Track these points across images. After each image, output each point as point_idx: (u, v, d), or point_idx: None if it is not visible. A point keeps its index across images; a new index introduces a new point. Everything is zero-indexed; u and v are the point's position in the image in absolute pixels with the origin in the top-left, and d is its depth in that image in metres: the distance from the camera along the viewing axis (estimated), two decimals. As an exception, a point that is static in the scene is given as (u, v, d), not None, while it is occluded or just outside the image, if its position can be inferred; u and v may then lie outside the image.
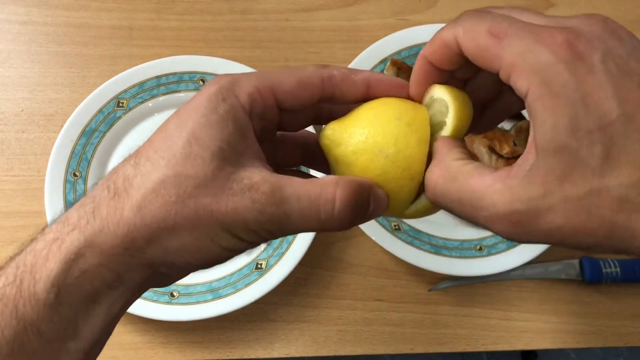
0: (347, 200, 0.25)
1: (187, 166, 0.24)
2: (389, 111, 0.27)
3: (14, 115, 0.63)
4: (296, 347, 0.56)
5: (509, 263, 0.56)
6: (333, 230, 0.26)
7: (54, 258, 0.24)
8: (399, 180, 0.26)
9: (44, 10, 0.68)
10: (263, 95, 0.26)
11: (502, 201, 0.23)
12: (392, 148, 0.26)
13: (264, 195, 0.24)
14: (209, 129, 0.24)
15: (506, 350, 0.57)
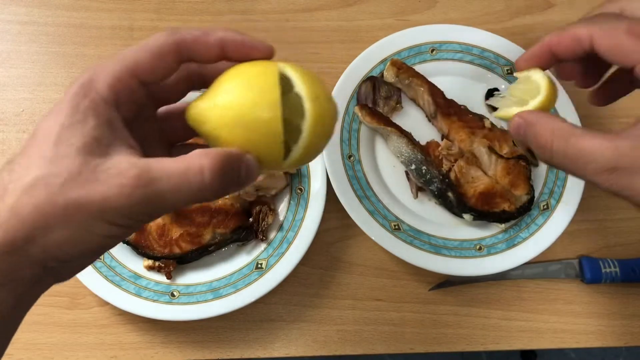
0: (215, 168, 0.26)
1: (55, 166, 0.25)
2: (242, 82, 0.29)
3: (14, 116, 0.63)
4: (296, 346, 0.56)
5: (508, 263, 0.56)
6: (210, 198, 0.27)
7: None
8: (264, 143, 0.28)
9: (44, 11, 0.68)
10: (123, 81, 0.28)
11: (609, 156, 0.30)
12: (247, 116, 0.28)
13: (131, 179, 0.25)
14: (72, 128, 0.26)
15: (506, 350, 0.57)
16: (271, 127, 0.28)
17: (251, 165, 0.28)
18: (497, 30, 0.65)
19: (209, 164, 0.26)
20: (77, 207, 0.25)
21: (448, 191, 0.57)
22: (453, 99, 0.62)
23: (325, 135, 0.30)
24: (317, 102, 0.29)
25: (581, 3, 0.72)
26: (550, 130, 0.33)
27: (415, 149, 0.58)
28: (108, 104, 0.27)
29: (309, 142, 0.29)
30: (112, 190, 0.25)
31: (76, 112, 0.26)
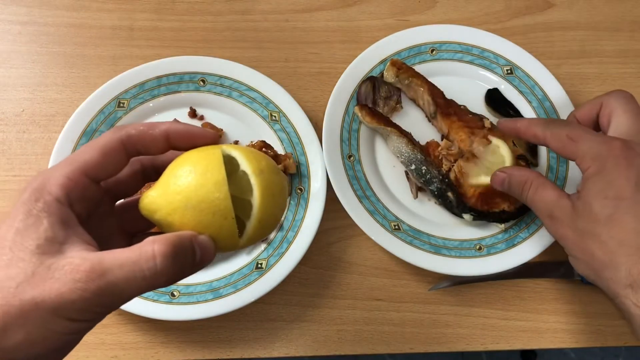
0: (167, 253, 0.27)
1: (10, 270, 0.26)
2: (185, 167, 0.30)
3: (15, 116, 0.63)
4: (296, 346, 0.56)
5: (508, 263, 0.56)
6: (164, 285, 0.28)
7: None
8: (216, 223, 0.29)
9: (44, 11, 0.68)
10: (75, 181, 0.29)
11: (550, 206, 0.47)
12: (196, 198, 0.29)
13: (84, 273, 0.25)
14: (25, 232, 0.27)
15: (506, 350, 0.57)
16: (220, 205, 0.29)
17: (205, 244, 0.28)
18: (497, 30, 0.66)
19: (159, 249, 0.27)
20: (33, 305, 0.25)
21: (448, 191, 0.57)
22: (453, 99, 0.62)
23: (276, 206, 0.31)
24: (262, 176, 0.30)
25: (581, 3, 0.72)
26: (524, 180, 0.49)
27: (415, 149, 0.59)
28: (61, 204, 0.28)
29: (260, 215, 0.30)
30: (66, 286, 0.25)
31: (29, 216, 0.27)
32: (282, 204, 0.32)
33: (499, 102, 0.63)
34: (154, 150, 0.31)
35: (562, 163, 0.61)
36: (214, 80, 0.62)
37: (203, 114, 0.62)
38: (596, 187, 0.42)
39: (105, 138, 0.30)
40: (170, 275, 0.27)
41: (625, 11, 0.72)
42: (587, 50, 0.69)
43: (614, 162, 0.42)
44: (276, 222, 0.32)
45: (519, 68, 0.64)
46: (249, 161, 0.30)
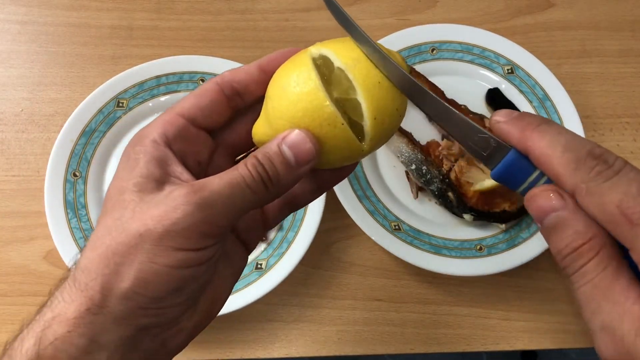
0: (255, 159, 0.26)
1: (115, 212, 0.26)
2: (277, 85, 0.28)
3: (13, 115, 0.63)
4: (296, 347, 0.56)
5: (509, 263, 0.56)
6: (269, 196, 0.27)
7: (28, 338, 0.25)
8: (328, 134, 0.26)
9: (44, 10, 0.68)
10: (170, 122, 0.28)
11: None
12: (296, 119, 0.26)
13: (184, 192, 0.25)
14: (123, 174, 0.27)
15: (506, 350, 0.57)
16: (323, 114, 0.26)
17: (294, 140, 0.26)
18: (497, 30, 0.65)
19: (250, 159, 0.26)
20: (138, 238, 0.24)
21: (448, 191, 0.57)
22: (453, 99, 0.62)
23: (387, 95, 0.27)
24: (359, 66, 0.27)
25: (581, 3, 0.72)
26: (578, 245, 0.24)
27: (415, 149, 0.58)
28: (157, 144, 0.27)
29: (371, 109, 0.26)
30: (167, 213, 0.24)
31: (128, 160, 0.27)
32: (393, 91, 0.28)
33: (500, 102, 0.63)
34: (251, 85, 0.29)
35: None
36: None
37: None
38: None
39: (204, 84, 0.29)
40: (266, 181, 0.26)
41: (625, 11, 0.72)
42: (587, 49, 0.69)
43: None
44: (396, 113, 0.28)
45: (519, 67, 0.64)
46: (339, 54, 0.27)
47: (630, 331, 0.22)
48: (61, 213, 0.56)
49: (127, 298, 0.25)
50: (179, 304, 0.26)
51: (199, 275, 0.26)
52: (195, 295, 0.27)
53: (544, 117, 0.27)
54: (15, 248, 0.58)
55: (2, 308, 0.56)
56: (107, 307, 0.25)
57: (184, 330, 0.27)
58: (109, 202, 0.26)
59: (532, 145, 0.25)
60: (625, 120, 0.66)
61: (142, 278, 0.24)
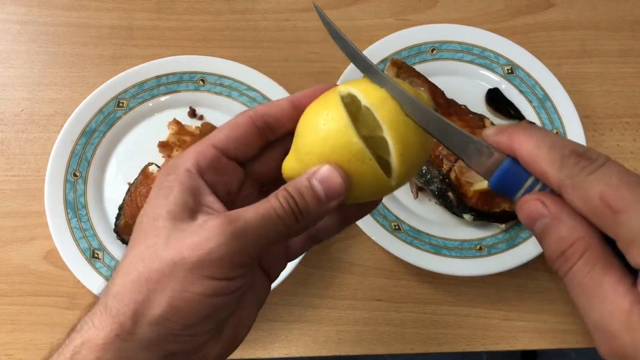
0: (286, 192, 0.27)
1: (148, 240, 0.26)
2: (307, 122, 0.29)
3: (14, 115, 0.63)
4: (296, 347, 0.56)
5: (509, 263, 0.56)
6: (299, 227, 0.27)
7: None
8: (357, 170, 0.27)
9: (44, 10, 0.68)
10: (204, 153, 0.29)
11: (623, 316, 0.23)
12: (325, 154, 0.27)
13: (219, 222, 0.25)
14: (157, 202, 0.27)
15: (506, 350, 0.57)
16: (352, 150, 0.27)
17: (325, 175, 0.27)
18: (497, 30, 0.65)
19: (281, 192, 0.27)
20: (172, 266, 0.25)
21: (448, 191, 0.57)
22: (453, 99, 0.62)
23: (413, 131, 0.28)
24: (384, 105, 0.27)
25: (581, 3, 0.72)
26: (567, 245, 0.25)
27: (415, 148, 0.58)
28: (190, 173, 0.28)
29: (398, 147, 0.27)
30: (201, 242, 0.25)
31: (161, 188, 0.28)
32: (419, 128, 0.28)
33: (500, 102, 0.63)
34: (283, 119, 0.30)
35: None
36: (213, 80, 0.61)
37: (203, 113, 0.62)
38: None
39: (235, 117, 0.30)
40: (291, 214, 0.27)
41: (625, 11, 0.72)
42: (587, 49, 0.69)
43: None
44: (422, 149, 0.28)
45: (519, 67, 0.64)
46: (366, 93, 0.28)
47: (620, 326, 0.22)
48: (61, 213, 0.56)
49: (157, 324, 0.25)
50: (206, 332, 0.27)
51: (229, 303, 0.27)
52: (223, 324, 0.28)
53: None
54: (15, 248, 0.58)
55: (2, 308, 0.56)
56: (136, 333, 0.25)
57: (208, 356, 0.28)
58: (142, 229, 0.27)
59: (519, 147, 0.26)
60: (625, 120, 0.66)
61: (175, 305, 0.25)
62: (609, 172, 0.24)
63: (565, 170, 0.24)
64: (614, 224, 0.23)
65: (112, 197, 0.59)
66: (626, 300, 0.22)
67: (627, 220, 0.22)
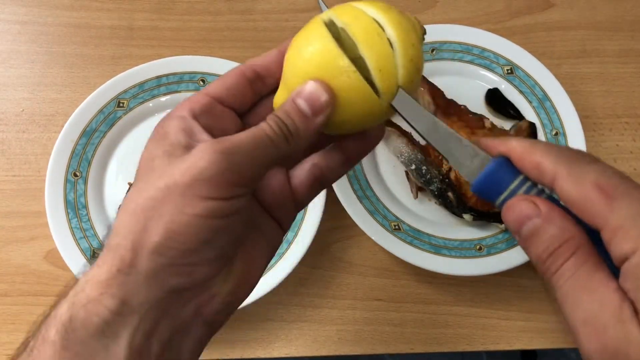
0: (274, 112, 0.27)
1: (144, 177, 0.26)
2: (292, 51, 0.29)
3: (14, 116, 0.63)
4: (296, 346, 0.56)
5: (509, 263, 0.56)
6: (289, 147, 0.27)
7: (62, 304, 0.25)
8: (342, 85, 0.27)
9: (44, 11, 0.68)
10: (197, 101, 0.29)
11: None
12: (310, 74, 0.27)
13: (209, 144, 0.25)
14: (153, 146, 0.27)
15: (506, 350, 0.57)
16: (334, 63, 0.26)
17: (308, 91, 0.27)
18: (497, 30, 0.65)
19: (270, 115, 0.27)
20: (166, 191, 0.25)
21: (448, 191, 0.57)
22: (453, 99, 0.62)
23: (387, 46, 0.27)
24: (358, 20, 0.27)
25: (581, 3, 0.72)
26: (556, 244, 0.25)
27: (415, 149, 0.58)
28: (184, 118, 0.28)
29: (374, 59, 0.26)
30: (192, 163, 0.25)
31: (156, 134, 0.28)
32: (404, 40, 0.27)
33: (500, 102, 0.63)
34: (272, 67, 0.30)
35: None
36: (213, 80, 0.61)
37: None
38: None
39: (226, 72, 0.31)
40: (286, 133, 0.27)
41: (625, 11, 0.72)
42: (587, 50, 0.69)
43: None
44: (410, 63, 0.27)
45: (519, 68, 0.64)
46: (341, 15, 0.28)
47: (611, 318, 0.22)
48: (62, 213, 0.56)
49: (157, 253, 0.24)
50: (209, 261, 0.26)
51: (228, 227, 0.26)
52: (226, 254, 0.27)
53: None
54: (15, 248, 0.58)
55: (2, 308, 0.56)
56: (137, 265, 0.24)
57: (217, 297, 0.27)
58: (139, 171, 0.27)
59: (514, 146, 0.27)
60: (625, 120, 0.66)
61: (172, 230, 0.24)
62: (602, 166, 0.25)
63: (561, 160, 0.25)
64: (605, 209, 0.23)
65: (112, 197, 0.59)
66: (616, 295, 0.23)
67: (618, 206, 0.23)
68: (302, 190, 0.32)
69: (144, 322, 0.25)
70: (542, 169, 0.26)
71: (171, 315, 0.26)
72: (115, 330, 0.24)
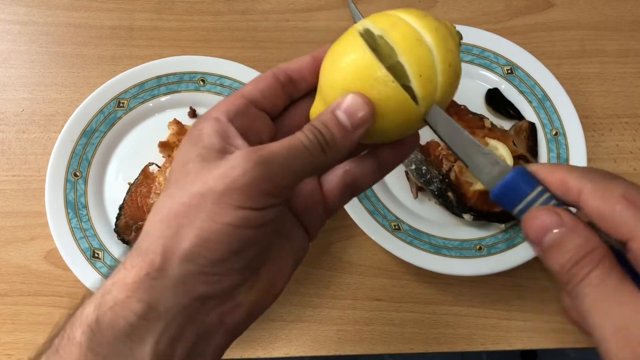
0: (311, 124, 0.27)
1: (178, 181, 0.26)
2: (328, 61, 0.29)
3: (14, 116, 0.63)
4: (296, 346, 0.56)
5: (508, 263, 0.56)
6: (327, 161, 0.27)
7: (89, 304, 0.25)
8: (381, 95, 0.27)
9: (44, 11, 0.68)
10: (232, 102, 0.29)
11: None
12: (348, 84, 0.27)
13: (244, 153, 0.25)
14: (188, 148, 0.27)
15: (506, 350, 0.57)
16: (373, 74, 0.26)
17: (349, 104, 0.27)
18: (497, 30, 0.65)
19: (307, 125, 0.27)
20: (199, 198, 0.24)
21: (448, 191, 0.57)
22: (453, 99, 0.62)
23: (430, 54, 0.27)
24: (397, 28, 0.27)
25: (581, 3, 0.72)
26: (580, 256, 0.25)
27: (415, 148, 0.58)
28: (219, 120, 0.28)
29: (415, 67, 0.26)
30: (227, 171, 0.25)
31: (191, 136, 0.28)
32: (442, 46, 0.27)
33: (499, 102, 0.63)
34: (304, 72, 0.30)
35: (563, 163, 0.61)
36: (213, 80, 0.62)
37: (203, 113, 0.62)
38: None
39: (265, 74, 0.30)
40: (323, 144, 0.26)
41: (625, 11, 0.72)
42: (587, 50, 0.69)
43: None
44: (449, 68, 0.27)
45: (519, 68, 0.64)
46: (378, 22, 0.28)
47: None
48: (62, 213, 0.56)
49: (187, 260, 0.24)
50: (237, 271, 0.26)
51: (259, 238, 0.26)
52: (254, 264, 0.27)
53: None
54: (15, 248, 0.58)
55: (2, 308, 0.56)
56: (166, 270, 0.24)
57: (241, 307, 0.27)
58: (173, 174, 0.27)
59: (538, 167, 0.28)
60: (625, 120, 0.66)
61: (203, 237, 0.24)
62: (627, 181, 0.26)
63: (586, 176, 0.26)
64: (634, 220, 0.24)
65: (112, 197, 0.59)
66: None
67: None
68: (333, 197, 0.32)
69: (169, 327, 0.25)
70: (568, 185, 0.26)
71: (196, 322, 0.26)
72: (140, 334, 0.24)
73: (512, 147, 0.58)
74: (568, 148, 0.61)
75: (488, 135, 0.59)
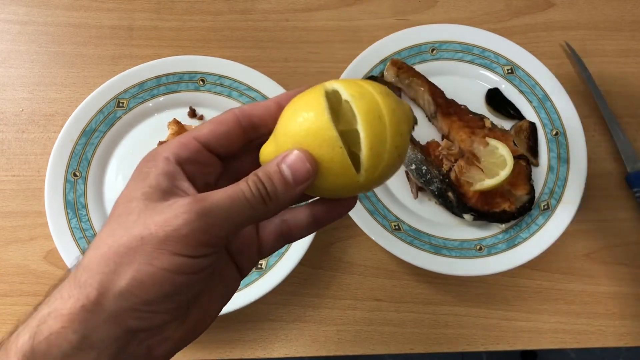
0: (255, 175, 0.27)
1: (121, 218, 0.27)
2: (289, 111, 0.30)
3: (14, 115, 0.63)
4: (296, 347, 0.56)
5: (509, 263, 0.56)
6: (267, 212, 0.28)
7: (24, 333, 0.26)
8: (325, 156, 0.28)
9: (44, 11, 0.68)
10: (185, 144, 0.29)
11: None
12: (299, 137, 0.28)
13: (187, 202, 0.26)
14: (134, 185, 0.28)
15: (506, 350, 0.57)
16: (324, 135, 0.27)
17: (293, 160, 0.28)
18: (497, 30, 0.65)
19: (250, 176, 0.28)
20: (139, 241, 0.25)
21: (448, 191, 0.57)
22: (453, 99, 0.62)
23: (388, 130, 0.28)
24: (363, 99, 0.28)
25: (581, 3, 0.72)
26: None
27: (415, 149, 0.58)
28: (168, 161, 0.28)
29: (369, 141, 0.28)
30: (169, 219, 0.26)
31: (140, 174, 0.28)
32: (396, 128, 0.28)
33: (500, 102, 0.63)
34: (268, 119, 0.31)
35: (563, 163, 0.61)
36: (213, 80, 0.61)
37: (203, 113, 0.62)
38: None
39: (222, 113, 0.31)
40: (265, 197, 0.27)
41: (625, 11, 0.72)
42: (587, 49, 0.69)
43: None
44: (394, 150, 0.29)
45: (519, 67, 0.64)
46: (348, 88, 0.29)
47: None
48: (61, 213, 0.56)
49: (121, 297, 0.25)
50: (168, 311, 0.27)
51: (193, 283, 0.27)
52: (185, 306, 0.28)
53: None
54: (15, 248, 0.58)
55: (2, 308, 0.56)
56: (101, 304, 0.25)
57: (169, 340, 0.28)
58: (116, 209, 0.28)
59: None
60: (625, 121, 0.66)
61: (139, 279, 0.25)
62: None
63: None
64: None
65: (112, 197, 0.59)
66: None
67: None
68: (267, 242, 0.33)
69: (101, 356, 0.26)
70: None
71: (126, 352, 0.27)
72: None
73: (512, 147, 0.58)
74: (568, 148, 0.61)
75: (488, 135, 0.59)
